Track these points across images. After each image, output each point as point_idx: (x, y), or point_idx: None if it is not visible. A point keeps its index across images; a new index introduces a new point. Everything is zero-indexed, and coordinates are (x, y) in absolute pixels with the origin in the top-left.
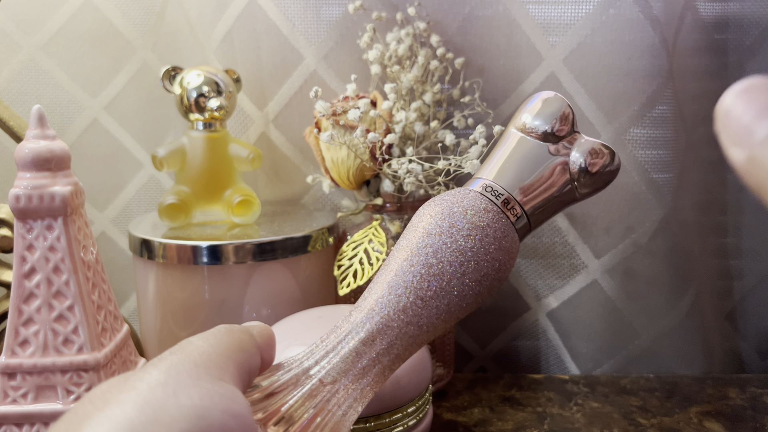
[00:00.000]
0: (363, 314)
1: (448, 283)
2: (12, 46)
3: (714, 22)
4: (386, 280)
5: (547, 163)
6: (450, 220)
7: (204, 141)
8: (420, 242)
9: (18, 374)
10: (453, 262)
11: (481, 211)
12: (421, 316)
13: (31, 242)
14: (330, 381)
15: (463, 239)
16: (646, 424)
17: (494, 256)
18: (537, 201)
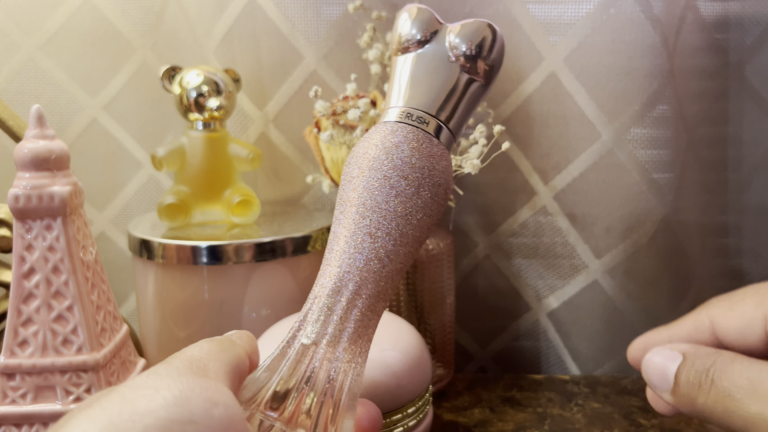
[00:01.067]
0: (324, 274)
1: (386, 209)
2: (11, 46)
3: (715, 21)
4: (333, 236)
5: (437, 66)
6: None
7: (203, 141)
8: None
9: (17, 375)
10: (381, 188)
11: (388, 134)
12: (377, 249)
13: (30, 242)
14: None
15: (381, 165)
16: (646, 425)
17: (419, 165)
18: (448, 106)
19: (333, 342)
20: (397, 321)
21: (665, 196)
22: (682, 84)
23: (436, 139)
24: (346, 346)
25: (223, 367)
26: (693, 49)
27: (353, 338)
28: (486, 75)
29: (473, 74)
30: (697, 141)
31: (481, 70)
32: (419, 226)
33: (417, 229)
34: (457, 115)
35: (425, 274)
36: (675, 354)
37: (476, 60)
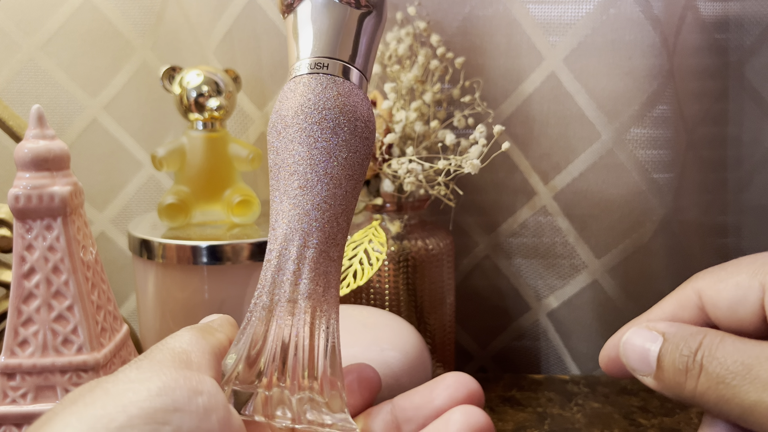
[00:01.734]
0: (271, 242)
1: (310, 158)
2: (11, 46)
3: (714, 21)
4: (270, 201)
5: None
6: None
7: (203, 141)
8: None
9: (17, 374)
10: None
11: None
12: (313, 198)
13: (30, 242)
14: (271, 304)
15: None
16: (646, 425)
17: (328, 106)
18: (347, 45)
19: (292, 298)
20: (397, 321)
21: (665, 196)
22: (682, 84)
23: (341, 78)
24: (306, 296)
25: (205, 356)
26: (693, 49)
27: (313, 287)
28: (375, 4)
29: (362, 8)
30: (697, 141)
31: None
32: (348, 164)
33: (347, 168)
34: (360, 52)
35: (425, 274)
36: (654, 334)
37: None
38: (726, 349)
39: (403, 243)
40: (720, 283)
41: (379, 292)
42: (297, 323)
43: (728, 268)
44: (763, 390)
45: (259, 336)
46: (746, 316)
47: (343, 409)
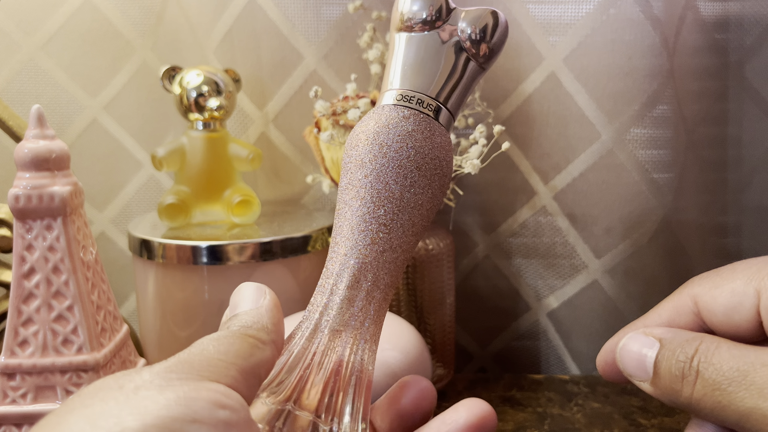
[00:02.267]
0: (338, 263)
1: (401, 199)
2: (11, 46)
3: (714, 21)
4: (345, 223)
5: (441, 49)
6: (377, 141)
7: (203, 141)
8: (360, 175)
9: (17, 374)
10: (396, 178)
11: (401, 120)
12: (391, 240)
13: (30, 242)
14: (335, 332)
15: (396, 153)
16: (646, 425)
17: (431, 155)
18: (447, 88)
19: (356, 332)
20: (397, 321)
21: (665, 196)
22: (681, 84)
23: (443, 127)
24: (367, 336)
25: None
26: (693, 49)
27: (372, 328)
28: (489, 60)
29: (477, 58)
30: (697, 141)
31: (485, 55)
32: (427, 216)
33: (425, 219)
34: (457, 97)
35: (425, 274)
36: (651, 340)
37: (479, 43)
38: (722, 355)
39: None
40: (715, 289)
41: None
42: (357, 356)
43: (723, 273)
44: (758, 396)
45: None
46: (742, 323)
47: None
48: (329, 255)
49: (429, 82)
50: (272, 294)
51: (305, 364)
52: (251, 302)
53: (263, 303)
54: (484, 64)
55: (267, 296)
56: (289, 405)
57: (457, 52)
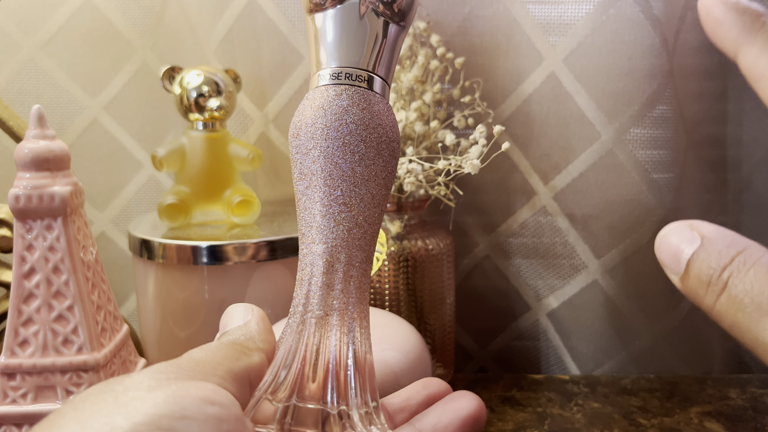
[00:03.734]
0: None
1: (354, 175)
2: (12, 46)
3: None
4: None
5: (358, 19)
6: (317, 125)
7: (204, 141)
8: (308, 162)
9: (17, 374)
10: (344, 155)
11: (335, 99)
12: (355, 216)
13: (30, 242)
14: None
15: (337, 132)
16: (646, 425)
17: (372, 125)
18: (374, 56)
19: (341, 314)
20: (397, 321)
21: (665, 196)
22: (681, 84)
23: (379, 95)
24: (354, 315)
25: (230, 375)
26: (693, 49)
27: (358, 307)
28: (404, 17)
29: (391, 19)
30: (697, 141)
31: (397, 12)
32: (385, 185)
33: (384, 188)
34: (386, 64)
35: (425, 274)
36: (693, 235)
37: (391, 3)
38: (758, 273)
39: (403, 243)
40: None
41: (379, 292)
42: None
43: None
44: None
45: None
46: None
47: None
48: (300, 249)
49: (355, 54)
50: (259, 310)
51: (300, 357)
52: (239, 320)
53: (250, 318)
54: (402, 22)
55: (254, 312)
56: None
57: (374, 18)
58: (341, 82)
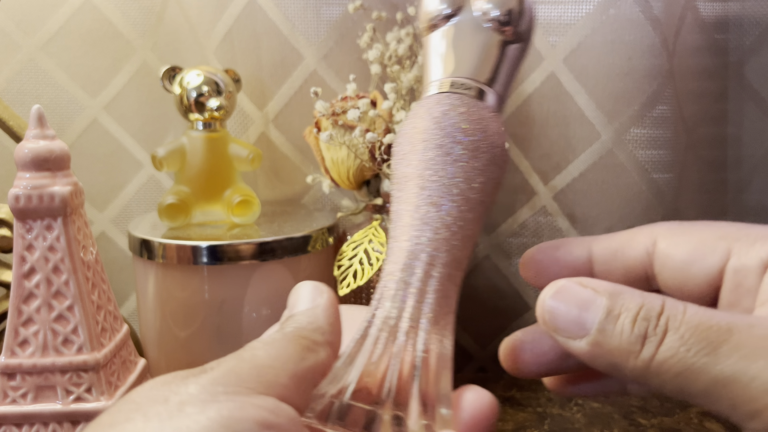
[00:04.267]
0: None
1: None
2: (11, 46)
3: (714, 22)
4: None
5: (470, 35)
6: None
7: (204, 141)
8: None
9: (17, 374)
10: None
11: (434, 104)
12: (442, 216)
13: (30, 242)
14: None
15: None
16: (646, 425)
17: (470, 128)
18: (487, 69)
19: (415, 315)
20: None
21: (665, 196)
22: (681, 84)
23: (484, 104)
24: (429, 317)
25: (294, 380)
26: (693, 49)
27: (435, 309)
28: (519, 35)
29: (508, 36)
30: (697, 141)
31: (515, 30)
32: (482, 189)
33: (480, 193)
34: (500, 77)
35: None
36: (589, 294)
37: (508, 23)
38: (696, 314)
39: None
40: (682, 235)
41: None
42: (419, 342)
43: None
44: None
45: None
46: (698, 278)
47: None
48: (390, 241)
49: (464, 66)
50: (330, 292)
51: (366, 354)
52: (307, 301)
53: (319, 302)
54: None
55: (324, 294)
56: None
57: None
58: (445, 90)
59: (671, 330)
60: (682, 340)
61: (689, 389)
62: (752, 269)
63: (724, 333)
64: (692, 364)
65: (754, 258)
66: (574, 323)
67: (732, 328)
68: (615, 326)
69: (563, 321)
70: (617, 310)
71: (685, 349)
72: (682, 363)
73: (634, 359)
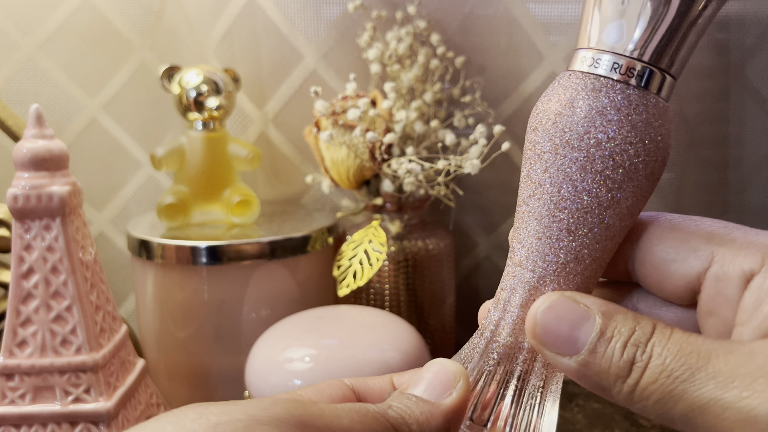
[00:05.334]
0: (513, 275)
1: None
2: (10, 46)
3: (715, 21)
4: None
5: None
6: (559, 126)
7: (203, 140)
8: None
9: (16, 375)
10: (582, 172)
11: (590, 95)
12: (577, 249)
13: (29, 242)
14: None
15: (580, 141)
16: (647, 425)
17: (629, 139)
18: (660, 40)
19: (532, 352)
20: (397, 321)
21: (666, 196)
22: (682, 84)
23: (654, 96)
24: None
25: None
26: None
27: None
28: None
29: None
30: (698, 141)
31: None
32: (628, 213)
33: (625, 219)
34: (683, 55)
35: (425, 274)
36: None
37: None
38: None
39: (403, 243)
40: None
41: (379, 292)
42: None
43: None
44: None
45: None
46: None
47: None
48: (507, 260)
49: (634, 35)
50: (462, 391)
51: (478, 386)
52: (434, 392)
53: (446, 402)
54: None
55: (455, 394)
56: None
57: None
58: (605, 74)
59: (655, 356)
60: (663, 365)
61: (669, 415)
62: (733, 279)
63: (703, 359)
64: (672, 390)
65: (737, 269)
66: (565, 341)
67: (711, 354)
68: (606, 349)
69: (553, 337)
70: (610, 332)
71: (666, 375)
72: (662, 389)
73: (621, 384)
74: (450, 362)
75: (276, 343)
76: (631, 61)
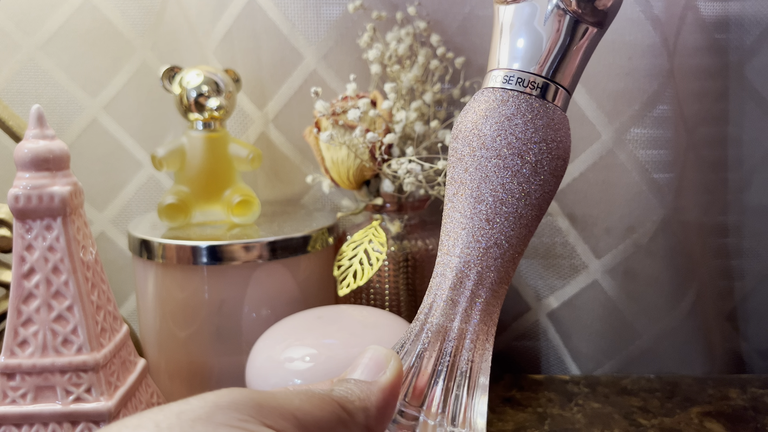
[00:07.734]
0: (442, 263)
1: (503, 189)
2: (11, 46)
3: (715, 21)
4: (448, 220)
5: (543, 16)
6: (474, 132)
7: (203, 141)
8: (460, 169)
9: (17, 375)
10: (496, 169)
11: (499, 105)
12: (496, 235)
13: (30, 242)
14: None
15: (493, 142)
16: (646, 425)
17: (535, 139)
18: (554, 60)
19: (461, 331)
20: (397, 321)
21: (665, 196)
22: (682, 84)
23: (552, 104)
24: (473, 336)
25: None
26: (693, 49)
27: (479, 326)
28: (602, 18)
29: (588, 21)
30: (698, 141)
31: (597, 14)
32: (538, 205)
33: (536, 209)
34: (573, 72)
35: (425, 274)
36: None
37: (591, 2)
38: None
39: (403, 243)
40: None
41: (379, 292)
42: (463, 359)
43: None
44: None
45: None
46: None
47: None
48: (438, 253)
49: (532, 57)
50: (394, 369)
51: (414, 365)
52: (370, 373)
53: (381, 380)
54: (599, 24)
55: (389, 373)
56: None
57: (562, 17)
58: (511, 87)
59: None
60: None
61: None
62: None
63: None
64: None
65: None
66: None
67: None
68: None
69: None
70: None
71: None
72: None
73: None
74: (381, 347)
75: (276, 342)
76: (533, 77)
